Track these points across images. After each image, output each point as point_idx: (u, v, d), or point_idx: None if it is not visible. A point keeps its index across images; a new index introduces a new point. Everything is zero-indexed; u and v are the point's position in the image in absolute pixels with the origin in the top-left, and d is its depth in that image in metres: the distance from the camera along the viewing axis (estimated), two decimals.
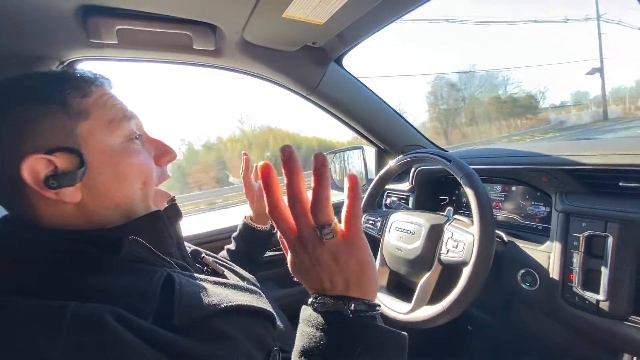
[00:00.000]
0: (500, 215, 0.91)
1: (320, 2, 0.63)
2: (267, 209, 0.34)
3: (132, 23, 0.70)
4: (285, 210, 0.34)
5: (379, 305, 0.36)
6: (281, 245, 0.37)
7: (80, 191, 0.40)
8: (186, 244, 0.59)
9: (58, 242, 0.39)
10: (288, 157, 0.32)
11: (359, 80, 1.07)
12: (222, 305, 0.40)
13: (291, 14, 0.67)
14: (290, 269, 0.37)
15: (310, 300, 0.36)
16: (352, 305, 0.33)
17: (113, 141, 0.43)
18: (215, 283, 0.46)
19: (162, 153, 0.50)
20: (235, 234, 0.86)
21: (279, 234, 0.36)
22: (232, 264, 0.66)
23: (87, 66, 0.82)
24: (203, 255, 0.57)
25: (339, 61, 0.99)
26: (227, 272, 0.58)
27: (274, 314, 0.47)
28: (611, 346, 0.62)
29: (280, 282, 1.13)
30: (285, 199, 0.33)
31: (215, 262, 0.59)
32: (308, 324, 0.34)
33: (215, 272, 0.55)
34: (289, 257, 0.37)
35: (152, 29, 0.72)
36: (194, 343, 0.35)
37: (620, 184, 0.60)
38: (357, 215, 0.34)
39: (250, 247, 0.84)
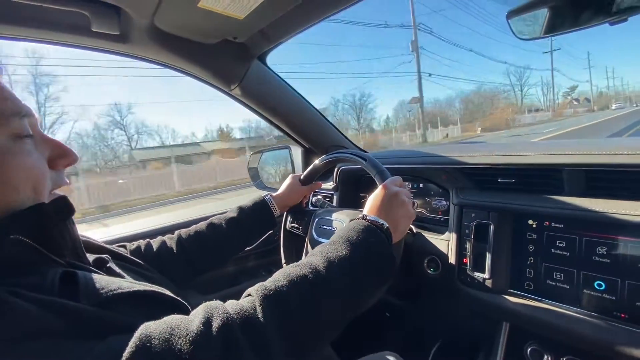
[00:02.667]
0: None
1: None
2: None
3: None
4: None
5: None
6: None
7: None
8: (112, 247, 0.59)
9: None
10: None
11: (284, 80, 1.08)
12: (133, 289, 0.40)
13: (207, 4, 0.63)
14: (380, 199, 0.61)
15: (364, 215, 0.59)
16: (385, 227, 0.56)
17: None
18: (122, 279, 0.45)
19: (58, 155, 0.45)
20: (245, 205, 0.85)
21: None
22: (150, 270, 0.61)
23: None
24: (109, 265, 0.51)
25: (262, 59, 0.97)
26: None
27: (189, 307, 0.45)
28: (496, 317, 0.73)
29: (201, 288, 1.07)
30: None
31: (127, 268, 0.55)
32: (356, 224, 0.55)
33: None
34: (384, 192, 0.62)
35: (37, 3, 0.61)
36: (102, 311, 0.35)
37: (499, 179, 0.72)
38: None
39: (257, 220, 0.84)
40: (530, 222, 0.66)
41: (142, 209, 10.16)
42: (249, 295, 0.43)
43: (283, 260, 0.99)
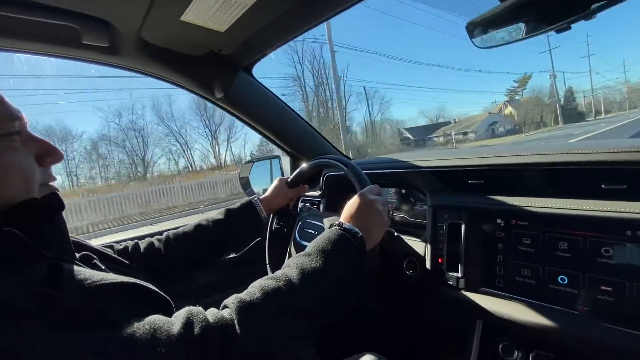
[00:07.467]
0: (396, 216, 1.02)
1: (217, 10, 0.66)
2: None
3: (5, 9, 0.64)
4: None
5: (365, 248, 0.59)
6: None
7: None
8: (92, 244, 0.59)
9: None
10: None
11: (270, 91, 1.12)
12: (117, 280, 0.41)
13: (190, 18, 0.68)
14: (356, 207, 0.63)
15: (340, 222, 0.61)
16: (359, 236, 0.58)
17: None
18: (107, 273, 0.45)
19: (45, 153, 0.48)
20: (232, 207, 0.86)
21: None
22: (136, 270, 0.63)
23: None
24: (95, 262, 0.52)
25: (248, 70, 1.02)
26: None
27: (172, 304, 0.47)
28: (470, 316, 0.74)
29: (188, 294, 1.08)
30: None
31: (112, 268, 0.56)
32: (331, 233, 0.57)
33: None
34: (360, 201, 0.64)
35: (31, 17, 0.66)
36: (85, 303, 0.36)
37: (469, 181, 0.74)
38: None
39: (243, 221, 0.85)
40: (498, 220, 0.68)
41: None
42: (226, 307, 0.46)
43: (267, 261, 1.01)
